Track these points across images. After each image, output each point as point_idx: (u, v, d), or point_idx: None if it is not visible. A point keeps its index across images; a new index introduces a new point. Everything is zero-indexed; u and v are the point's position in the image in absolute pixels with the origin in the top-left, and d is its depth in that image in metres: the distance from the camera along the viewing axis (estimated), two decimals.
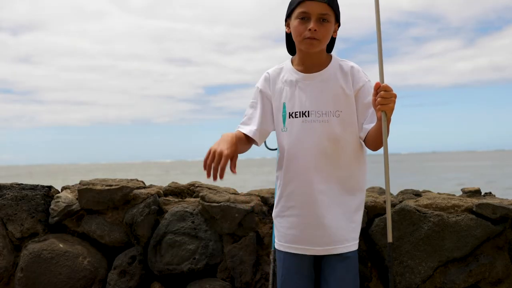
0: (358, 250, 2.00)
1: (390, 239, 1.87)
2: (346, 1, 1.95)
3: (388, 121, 1.80)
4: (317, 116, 1.93)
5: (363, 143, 2.00)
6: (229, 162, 1.71)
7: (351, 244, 1.96)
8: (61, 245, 2.88)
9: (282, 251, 2.02)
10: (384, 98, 1.75)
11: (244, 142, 1.95)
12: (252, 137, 1.96)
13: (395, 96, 1.77)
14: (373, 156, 2.10)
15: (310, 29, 1.87)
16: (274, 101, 2.02)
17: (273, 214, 2.08)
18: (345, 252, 1.94)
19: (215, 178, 1.69)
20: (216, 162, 1.69)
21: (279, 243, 2.04)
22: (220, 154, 1.69)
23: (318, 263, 2.01)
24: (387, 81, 1.79)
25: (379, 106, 1.77)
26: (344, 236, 1.95)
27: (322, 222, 1.93)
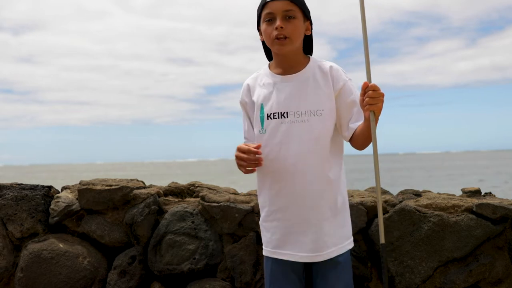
0: (355, 251, 1.96)
1: (382, 240, 1.86)
2: (347, 1, 1.89)
3: (376, 120, 1.79)
4: (296, 117, 1.90)
5: (343, 142, 1.98)
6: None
7: (337, 247, 1.91)
8: (61, 245, 2.88)
9: (269, 257, 1.97)
10: (372, 98, 1.74)
11: None
12: None
13: (383, 95, 1.76)
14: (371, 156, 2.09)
15: (276, 28, 1.86)
16: (254, 105, 2.00)
17: (260, 221, 2.04)
18: (334, 256, 1.90)
19: (256, 165, 1.88)
20: (248, 154, 1.86)
21: (265, 249, 1.99)
22: (243, 147, 1.87)
23: (309, 269, 1.97)
24: (389, 81, 1.78)
25: (367, 106, 1.75)
26: (330, 241, 1.90)
27: (306, 226, 1.89)
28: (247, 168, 1.88)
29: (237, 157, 1.88)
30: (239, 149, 1.87)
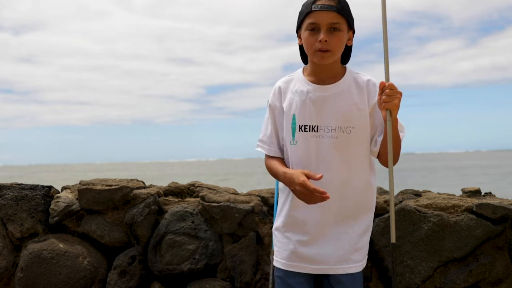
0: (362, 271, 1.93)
1: (393, 239, 1.83)
2: (349, 1, 1.90)
3: (394, 120, 1.74)
4: (326, 132, 1.85)
5: (374, 161, 1.93)
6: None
7: (352, 266, 1.87)
8: (61, 245, 2.88)
9: (281, 269, 1.93)
10: (388, 96, 1.71)
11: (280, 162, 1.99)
12: (277, 155, 1.98)
13: (400, 94, 1.72)
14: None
15: (320, 41, 1.79)
16: (284, 112, 1.93)
17: (273, 228, 2.01)
18: (349, 272, 1.86)
19: (324, 195, 1.77)
20: (311, 192, 1.76)
21: (277, 259, 1.96)
22: (306, 187, 1.76)
23: (320, 281, 1.94)
24: (389, 81, 1.76)
25: (383, 104, 1.72)
26: (345, 257, 1.86)
27: (323, 241, 1.86)
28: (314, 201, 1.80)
29: (302, 193, 1.79)
30: (303, 186, 1.77)
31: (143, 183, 3.11)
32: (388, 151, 1.79)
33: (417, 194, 2.91)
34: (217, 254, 2.78)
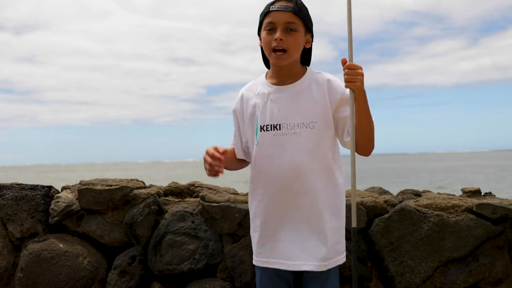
0: (341, 266, 1.95)
1: (354, 224, 1.84)
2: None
3: (357, 98, 1.76)
4: (289, 129, 1.87)
5: (339, 156, 1.96)
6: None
7: (324, 263, 1.88)
8: (61, 245, 2.88)
9: (258, 267, 1.99)
10: (349, 76, 1.75)
11: (235, 158, 2.07)
12: (241, 158, 2.06)
13: (361, 74, 1.75)
14: (374, 156, 2.05)
15: (276, 39, 1.83)
16: (247, 115, 1.98)
17: (250, 230, 2.05)
18: (318, 270, 1.88)
19: (216, 174, 1.81)
20: (210, 157, 1.81)
21: (254, 258, 2.01)
22: (209, 150, 1.82)
23: (299, 278, 1.97)
24: (390, 81, 1.76)
25: (346, 83, 1.77)
26: (316, 254, 1.88)
27: (295, 237, 1.88)
28: (210, 173, 1.83)
29: (204, 159, 1.84)
30: (206, 152, 1.83)
31: (143, 183, 3.11)
32: (351, 130, 1.80)
33: (417, 194, 2.91)
34: (217, 254, 2.78)
